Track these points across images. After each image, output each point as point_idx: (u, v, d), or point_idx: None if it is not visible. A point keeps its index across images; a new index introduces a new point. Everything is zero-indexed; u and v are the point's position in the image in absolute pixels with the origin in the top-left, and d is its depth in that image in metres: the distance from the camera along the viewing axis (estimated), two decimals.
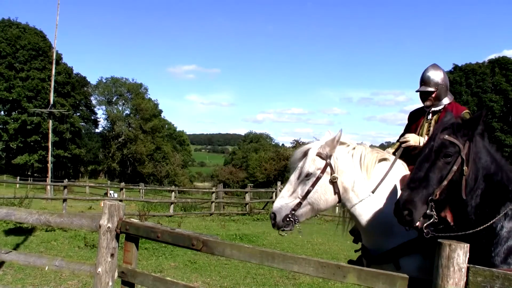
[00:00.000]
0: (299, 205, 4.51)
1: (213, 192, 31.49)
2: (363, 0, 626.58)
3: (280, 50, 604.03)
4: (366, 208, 4.63)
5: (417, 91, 5.44)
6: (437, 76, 5.35)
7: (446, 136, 3.80)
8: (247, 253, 4.04)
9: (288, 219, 4.47)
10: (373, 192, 4.62)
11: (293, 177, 4.65)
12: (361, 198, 4.63)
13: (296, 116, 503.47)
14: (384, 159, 4.85)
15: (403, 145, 5.11)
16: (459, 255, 3.00)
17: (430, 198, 3.63)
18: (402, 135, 5.47)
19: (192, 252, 6.78)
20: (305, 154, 4.68)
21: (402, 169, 4.85)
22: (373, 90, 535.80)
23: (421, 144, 5.02)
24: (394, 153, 5.13)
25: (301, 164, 4.64)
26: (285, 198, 4.57)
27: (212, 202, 29.79)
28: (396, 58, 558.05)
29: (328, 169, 4.59)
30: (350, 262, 5.09)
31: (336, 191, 4.60)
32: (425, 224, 3.62)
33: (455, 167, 3.71)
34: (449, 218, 3.85)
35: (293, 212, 4.49)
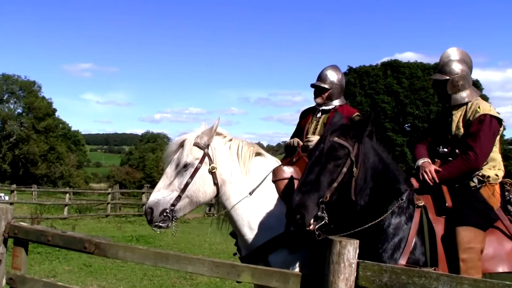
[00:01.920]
0: (178, 198, 4.38)
1: (109, 193, 31.10)
2: (260, 1, 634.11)
3: (178, 49, 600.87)
4: (240, 206, 4.61)
5: (311, 85, 5.47)
6: (334, 76, 5.41)
7: (336, 138, 3.84)
8: (140, 255, 3.96)
9: (165, 214, 4.32)
10: (250, 194, 4.60)
11: (169, 169, 4.49)
12: (237, 196, 4.59)
13: (194, 115, 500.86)
14: (259, 154, 4.86)
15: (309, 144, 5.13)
16: (349, 251, 3.08)
17: (320, 200, 3.65)
18: (294, 133, 5.54)
19: (87, 255, 6.65)
20: (181, 145, 4.53)
21: (275, 165, 4.84)
22: (270, 90, 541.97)
23: None
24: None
25: (177, 155, 4.50)
26: (161, 192, 4.41)
27: (108, 203, 29.40)
28: (293, 59, 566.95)
29: (207, 159, 4.49)
30: None
31: (215, 182, 4.51)
32: (316, 226, 3.63)
33: (344, 169, 3.77)
34: None
35: (172, 207, 4.36)
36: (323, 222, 3.65)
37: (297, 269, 4.42)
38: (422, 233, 4.09)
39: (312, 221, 3.63)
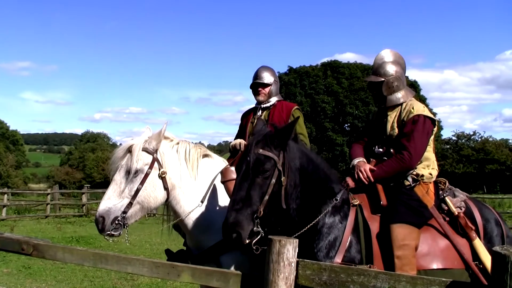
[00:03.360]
0: (129, 205, 4.31)
1: (48, 194, 30.33)
2: (202, 1, 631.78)
3: (118, 47, 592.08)
4: (190, 210, 4.60)
5: (254, 82, 5.57)
6: (271, 73, 5.60)
7: (261, 150, 3.81)
8: (79, 256, 3.91)
9: (117, 221, 4.26)
10: (202, 202, 4.61)
11: (118, 176, 4.41)
12: (187, 200, 4.60)
13: (134, 115, 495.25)
14: (207, 155, 4.88)
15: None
16: (288, 250, 3.10)
17: (255, 216, 3.67)
18: (237, 134, 5.60)
19: (26, 257, 6.55)
20: (128, 150, 4.47)
21: (223, 165, 4.88)
22: (211, 90, 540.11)
23: None
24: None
25: (125, 161, 4.43)
26: (112, 200, 4.32)
27: (47, 204, 28.64)
28: (234, 59, 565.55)
29: (156, 164, 4.46)
30: (167, 252, 5.00)
31: (165, 187, 4.48)
32: (253, 241, 3.66)
33: (273, 180, 3.78)
34: None
35: (124, 214, 4.29)
36: (259, 236, 3.67)
37: (249, 270, 4.37)
38: (357, 231, 4.17)
39: (248, 237, 3.64)
